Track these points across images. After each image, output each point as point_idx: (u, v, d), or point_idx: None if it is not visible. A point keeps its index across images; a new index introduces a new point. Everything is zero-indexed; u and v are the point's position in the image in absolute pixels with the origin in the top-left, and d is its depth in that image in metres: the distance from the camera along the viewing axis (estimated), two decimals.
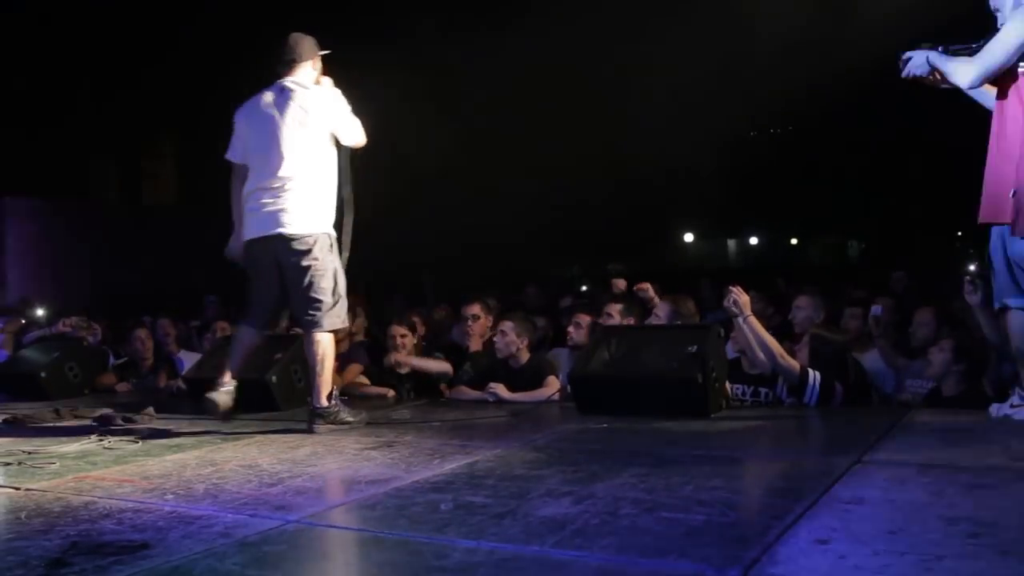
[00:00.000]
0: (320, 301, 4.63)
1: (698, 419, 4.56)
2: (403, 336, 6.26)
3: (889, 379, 5.70)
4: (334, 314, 4.69)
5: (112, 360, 7.93)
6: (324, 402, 4.63)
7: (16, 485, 3.45)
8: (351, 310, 5.14)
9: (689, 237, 36.54)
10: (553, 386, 5.59)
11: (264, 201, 4.67)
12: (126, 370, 7.61)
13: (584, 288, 12.92)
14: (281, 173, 4.62)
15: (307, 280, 4.62)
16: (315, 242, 4.65)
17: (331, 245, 4.74)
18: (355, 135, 4.80)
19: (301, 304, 4.68)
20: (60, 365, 6.84)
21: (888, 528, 2.50)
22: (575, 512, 2.77)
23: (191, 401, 5.94)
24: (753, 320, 4.96)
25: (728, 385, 5.00)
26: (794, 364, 4.93)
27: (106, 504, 3.10)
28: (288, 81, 4.73)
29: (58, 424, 5.19)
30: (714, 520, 2.65)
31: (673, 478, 3.20)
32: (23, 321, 8.92)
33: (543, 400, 5.46)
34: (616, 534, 2.54)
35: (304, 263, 4.62)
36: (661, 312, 5.92)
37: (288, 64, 4.74)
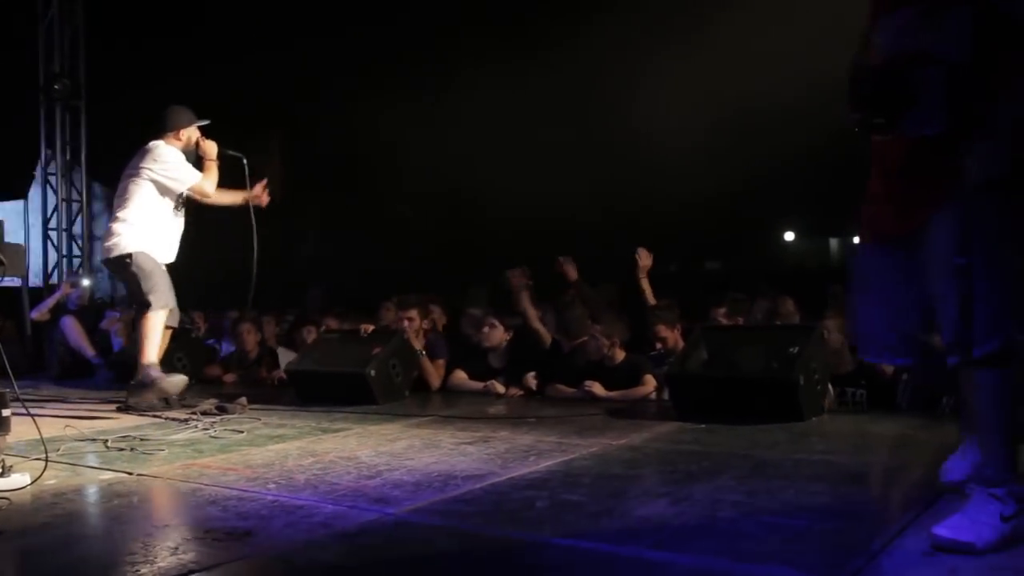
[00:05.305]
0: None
1: (799, 422, 4.45)
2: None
3: None
4: None
5: (221, 352, 8.20)
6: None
7: (129, 470, 3.59)
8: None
9: (790, 236, 35.60)
10: (650, 384, 5.53)
11: None
12: (232, 362, 7.84)
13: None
14: None
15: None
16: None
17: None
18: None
19: None
20: (169, 356, 7.09)
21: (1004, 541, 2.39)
22: (672, 513, 2.73)
23: (293, 392, 6.11)
24: None
25: None
26: None
27: (212, 491, 3.20)
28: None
29: (167, 412, 5.38)
30: (816, 527, 2.58)
31: (774, 482, 3.13)
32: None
33: (639, 398, 5.41)
34: (715, 537, 2.50)
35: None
36: (759, 312, 5.82)
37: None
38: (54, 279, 11.79)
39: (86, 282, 9.76)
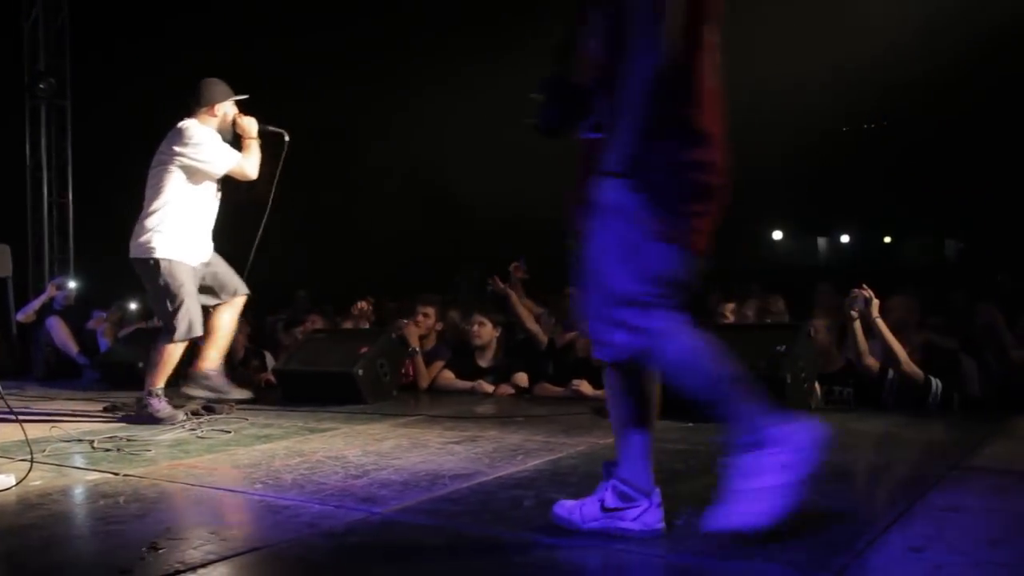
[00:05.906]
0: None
1: None
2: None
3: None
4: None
5: None
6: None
7: (115, 471, 3.57)
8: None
9: (778, 235, 35.73)
10: None
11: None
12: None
13: None
14: None
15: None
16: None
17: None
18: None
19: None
20: None
21: (988, 537, 2.40)
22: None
23: (281, 392, 6.10)
24: (882, 323, 4.81)
25: None
26: (918, 372, 4.80)
27: (198, 491, 3.19)
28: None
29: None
30: (802, 524, 2.58)
31: None
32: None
33: None
34: (701, 535, 2.50)
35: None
36: (750, 311, 5.83)
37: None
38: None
39: (72, 283, 9.73)
